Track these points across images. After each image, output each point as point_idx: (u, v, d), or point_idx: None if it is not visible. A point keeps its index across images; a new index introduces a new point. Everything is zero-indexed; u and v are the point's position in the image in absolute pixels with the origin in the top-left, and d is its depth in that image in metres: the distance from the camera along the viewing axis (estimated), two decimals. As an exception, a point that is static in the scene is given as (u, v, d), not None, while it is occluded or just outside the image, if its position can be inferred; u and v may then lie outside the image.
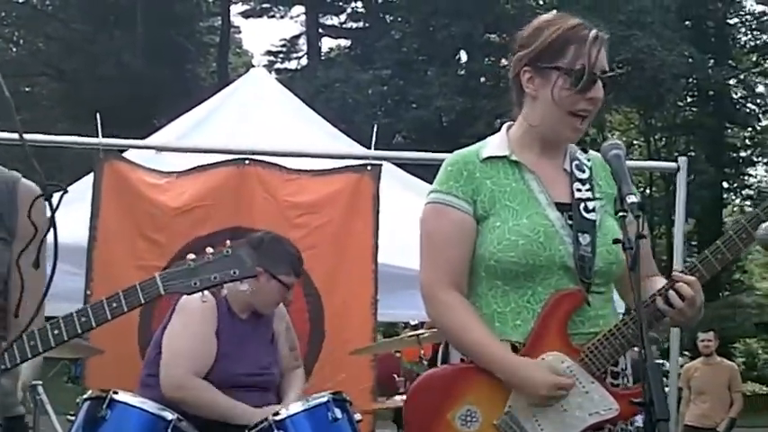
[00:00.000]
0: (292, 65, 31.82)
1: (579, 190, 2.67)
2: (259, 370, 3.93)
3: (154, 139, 6.87)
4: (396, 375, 7.38)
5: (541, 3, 27.25)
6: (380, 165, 5.36)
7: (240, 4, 32.06)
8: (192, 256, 2.33)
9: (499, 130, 2.77)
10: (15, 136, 2.65)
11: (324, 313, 5.18)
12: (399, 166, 6.73)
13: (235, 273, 2.33)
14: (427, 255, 2.68)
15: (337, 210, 5.27)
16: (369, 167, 5.30)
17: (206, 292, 2.43)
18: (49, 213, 2.08)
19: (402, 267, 5.34)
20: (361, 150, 6.26)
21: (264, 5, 31.56)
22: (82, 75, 24.17)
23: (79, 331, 2.24)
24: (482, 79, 27.62)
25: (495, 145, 2.70)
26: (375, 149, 5.61)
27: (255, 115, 6.71)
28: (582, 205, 2.64)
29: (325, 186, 5.33)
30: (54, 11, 29.02)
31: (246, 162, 5.21)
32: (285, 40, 31.70)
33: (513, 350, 2.55)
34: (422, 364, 7.14)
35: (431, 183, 2.75)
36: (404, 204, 5.48)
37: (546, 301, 2.56)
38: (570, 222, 2.61)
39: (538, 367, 2.51)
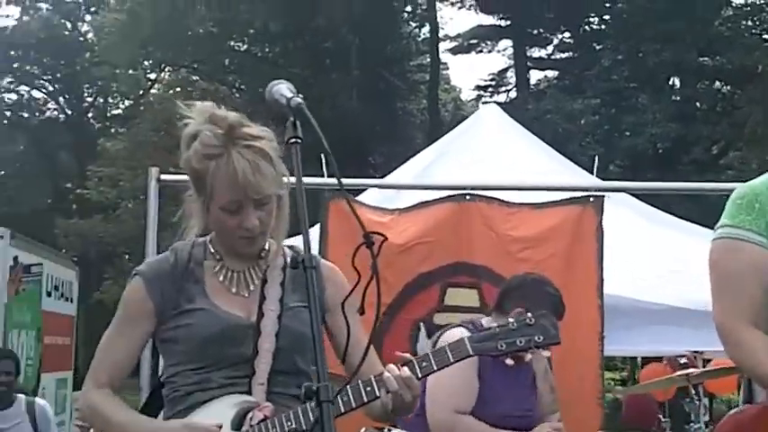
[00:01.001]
0: (501, 98, 31.87)
1: None
2: (521, 412, 3.94)
3: (394, 177, 6.99)
4: (656, 414, 7.12)
5: (757, 23, 26.31)
6: (603, 196, 5.28)
7: (448, 41, 32.50)
8: (487, 320, 2.41)
9: (717, 155, 2.66)
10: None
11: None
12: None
13: (539, 339, 2.40)
14: (723, 292, 2.57)
15: (560, 243, 5.23)
16: (591, 199, 5.24)
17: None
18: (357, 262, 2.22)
19: (633, 299, 5.23)
20: (582, 181, 6.19)
21: (472, 41, 31.85)
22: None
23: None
24: (697, 104, 26.82)
25: None
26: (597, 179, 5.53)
27: (487, 150, 6.73)
28: None
29: (547, 220, 5.29)
30: (274, 57, 30.26)
31: (467, 197, 5.24)
32: (493, 74, 31.86)
33: None
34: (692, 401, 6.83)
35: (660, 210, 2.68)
36: (635, 233, 5.36)
37: None
38: None
39: None
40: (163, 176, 5.21)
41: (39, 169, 41.76)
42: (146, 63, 30.55)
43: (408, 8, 31.44)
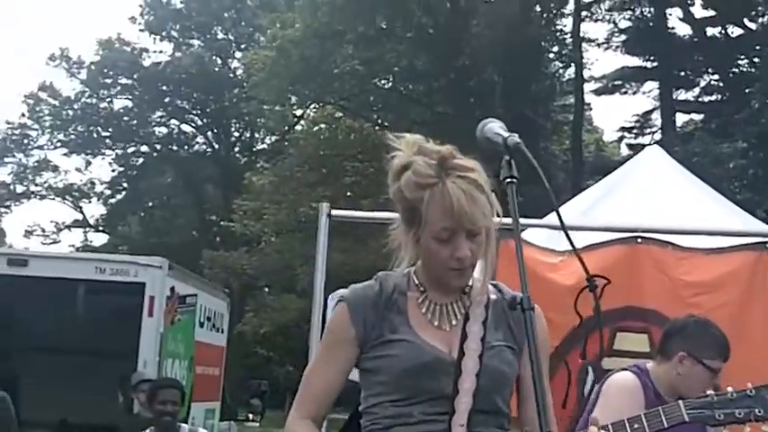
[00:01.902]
0: (645, 140, 31.40)
1: None
2: None
3: (555, 218, 6.94)
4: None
5: None
6: (781, 243, 5.16)
7: (593, 82, 32.24)
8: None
9: None
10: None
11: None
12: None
13: (760, 412, 2.35)
14: None
15: (735, 290, 5.09)
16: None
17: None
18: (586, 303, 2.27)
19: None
20: (758, 227, 6.06)
21: (616, 82, 31.53)
22: (445, 155, 25.16)
23: None
24: None
25: None
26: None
27: (652, 193, 6.64)
28: None
29: (722, 265, 5.17)
30: (419, 95, 30.54)
31: (638, 240, 5.18)
32: (638, 115, 31.46)
33: None
34: None
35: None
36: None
37: None
38: None
39: None
40: (334, 212, 5.26)
41: (186, 201, 42.99)
42: (293, 99, 31.15)
43: (555, 48, 31.32)
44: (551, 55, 31.37)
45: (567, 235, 2.62)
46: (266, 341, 33.27)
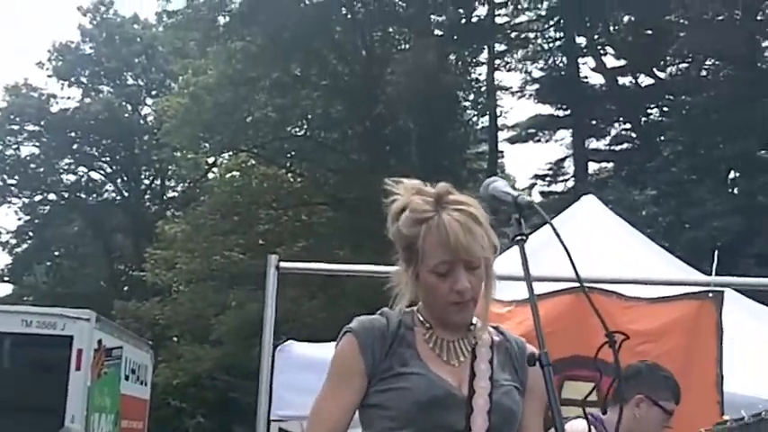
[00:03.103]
0: (558, 187, 31.89)
1: None
2: None
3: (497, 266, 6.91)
4: None
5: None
6: (723, 291, 5.22)
7: (506, 130, 32.64)
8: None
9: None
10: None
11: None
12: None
13: None
14: None
15: (679, 338, 5.17)
16: (710, 294, 5.17)
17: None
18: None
19: (748, 396, 5.09)
20: (700, 277, 6.11)
21: (530, 131, 31.96)
22: (360, 203, 25.13)
23: None
24: (759, 198, 26.58)
25: None
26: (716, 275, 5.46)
27: (591, 242, 6.67)
28: None
29: (666, 314, 5.24)
30: (334, 143, 30.51)
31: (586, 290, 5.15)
32: (551, 163, 31.90)
33: None
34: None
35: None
36: (749, 332, 5.27)
37: None
38: None
39: None
40: (282, 264, 5.20)
41: (94, 250, 42.26)
42: (206, 146, 30.92)
43: (470, 97, 31.67)
44: (467, 103, 31.72)
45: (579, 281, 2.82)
46: (178, 392, 32.73)
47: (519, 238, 2.28)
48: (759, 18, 26.44)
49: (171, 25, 32.79)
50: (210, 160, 34.09)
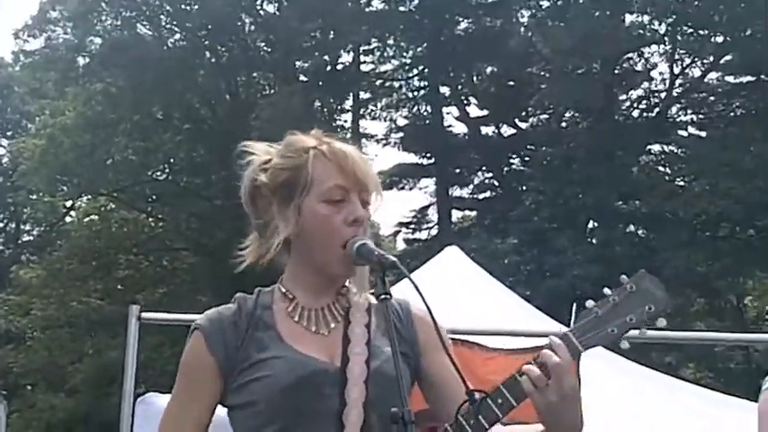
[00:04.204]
0: (422, 235, 32.08)
1: None
2: None
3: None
4: None
5: (676, 169, 27.07)
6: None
7: (368, 179, 32.71)
8: (591, 302, 2.12)
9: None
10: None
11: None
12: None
13: (650, 309, 2.10)
14: None
15: (537, 389, 5.06)
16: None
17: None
18: None
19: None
20: (557, 327, 6.06)
21: (394, 178, 32.13)
22: (222, 248, 24.74)
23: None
24: (617, 248, 27.27)
25: None
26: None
27: (452, 293, 6.59)
28: None
29: (524, 364, 5.14)
30: (197, 188, 30.02)
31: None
32: (415, 211, 32.08)
33: None
34: None
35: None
36: (610, 387, 5.23)
37: None
38: None
39: None
40: (144, 314, 4.95)
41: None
42: (63, 189, 30.05)
43: (334, 144, 31.73)
44: (330, 149, 31.71)
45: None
46: (30, 443, 31.61)
47: (383, 297, 2.07)
48: (616, 71, 27.33)
49: (28, 65, 31.90)
50: (68, 204, 33.19)
